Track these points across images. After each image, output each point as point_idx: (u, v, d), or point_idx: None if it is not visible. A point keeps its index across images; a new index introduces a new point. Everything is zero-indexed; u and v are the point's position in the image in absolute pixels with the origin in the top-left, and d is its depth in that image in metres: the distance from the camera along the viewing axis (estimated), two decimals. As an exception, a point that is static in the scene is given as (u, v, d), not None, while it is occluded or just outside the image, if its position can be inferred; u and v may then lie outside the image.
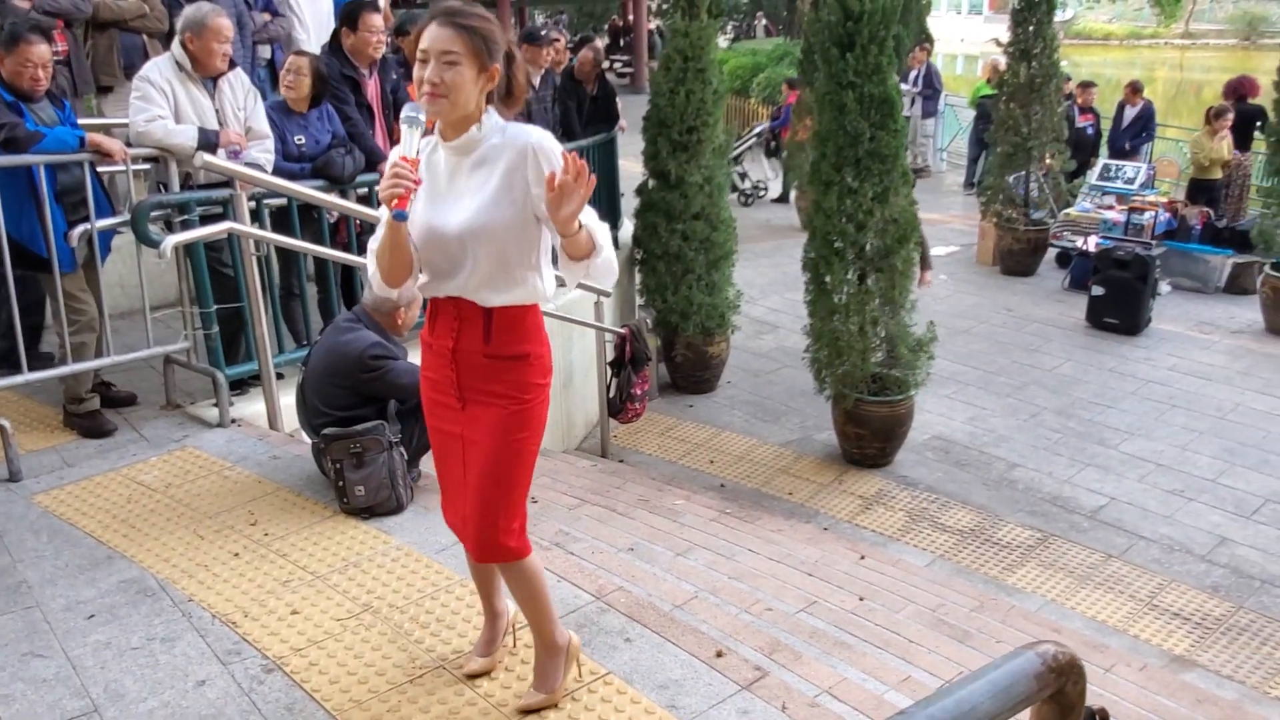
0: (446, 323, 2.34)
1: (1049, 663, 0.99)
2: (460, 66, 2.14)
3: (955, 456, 6.47)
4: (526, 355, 2.33)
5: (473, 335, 2.30)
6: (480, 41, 2.16)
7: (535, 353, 2.35)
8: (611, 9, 31.33)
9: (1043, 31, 9.54)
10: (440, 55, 2.13)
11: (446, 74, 2.13)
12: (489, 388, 2.33)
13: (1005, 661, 0.98)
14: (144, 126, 4.19)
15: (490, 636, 2.73)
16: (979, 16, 45.39)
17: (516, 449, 2.35)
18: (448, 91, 2.14)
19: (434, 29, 2.15)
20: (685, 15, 7.08)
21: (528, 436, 2.38)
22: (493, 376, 2.32)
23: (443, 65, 2.13)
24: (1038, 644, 1.03)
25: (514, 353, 2.31)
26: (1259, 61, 27.91)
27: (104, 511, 3.65)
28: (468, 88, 2.16)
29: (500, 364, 2.31)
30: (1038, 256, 10.10)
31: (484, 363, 2.32)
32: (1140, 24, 44.25)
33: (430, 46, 2.14)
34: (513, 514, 2.41)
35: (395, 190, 2.12)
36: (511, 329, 2.30)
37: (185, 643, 2.88)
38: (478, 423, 2.35)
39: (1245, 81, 10.32)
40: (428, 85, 2.14)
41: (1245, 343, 8.26)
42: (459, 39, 2.13)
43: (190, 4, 4.63)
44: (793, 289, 9.58)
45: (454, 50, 2.13)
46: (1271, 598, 4.94)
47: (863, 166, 5.81)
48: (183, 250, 4.22)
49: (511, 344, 2.31)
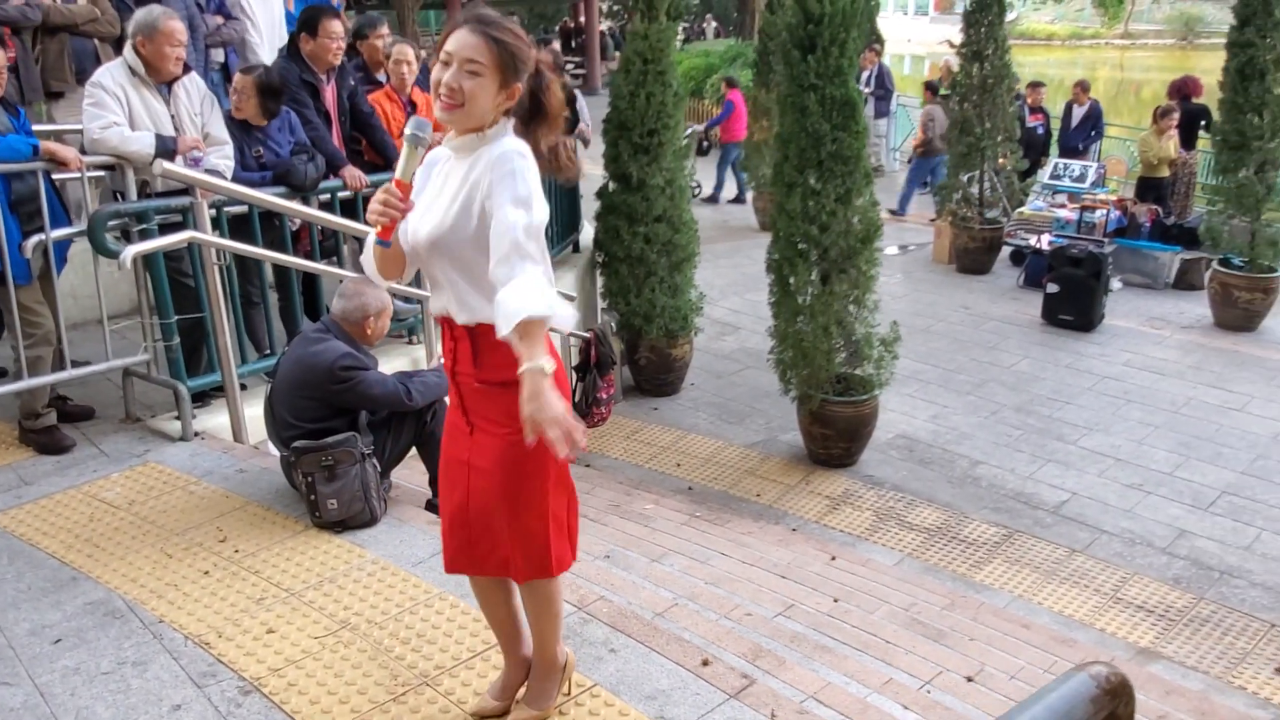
0: (446, 343, 2.27)
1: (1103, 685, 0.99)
2: (483, 78, 2.05)
3: (919, 455, 6.53)
4: (519, 382, 2.11)
5: (464, 358, 2.21)
6: (508, 57, 2.06)
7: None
8: (563, 10, 31.26)
9: (994, 33, 9.68)
10: (465, 62, 2.04)
11: (467, 82, 2.04)
12: (489, 415, 2.22)
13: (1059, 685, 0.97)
14: (99, 133, 4.08)
15: (508, 683, 2.59)
16: (925, 17, 46.06)
17: (525, 476, 2.24)
18: (464, 100, 2.04)
19: (463, 34, 2.05)
20: (644, 18, 7.06)
21: (538, 465, 2.23)
22: (490, 403, 2.21)
23: (464, 72, 2.04)
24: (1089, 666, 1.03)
25: (505, 379, 2.10)
26: (1196, 61, 28.64)
27: (66, 531, 3.54)
28: (485, 100, 2.07)
29: (494, 390, 2.19)
30: (993, 255, 10.24)
31: (479, 389, 2.22)
32: (1082, 24, 45.14)
33: (456, 50, 2.04)
34: (533, 539, 2.30)
35: (381, 219, 2.05)
36: (500, 352, 2.08)
37: (158, 665, 2.80)
38: (484, 450, 2.25)
39: (1189, 81, 10.55)
40: (445, 89, 2.04)
41: (1195, 337, 8.45)
42: (487, 49, 2.04)
43: (140, 8, 4.53)
44: (752, 290, 9.65)
45: (479, 60, 2.04)
46: (1230, 588, 5.04)
47: (825, 168, 5.84)
48: (141, 260, 4.12)
49: (501, 369, 2.11)
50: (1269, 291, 8.36)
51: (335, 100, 5.21)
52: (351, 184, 5.02)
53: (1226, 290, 8.45)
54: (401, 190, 2.08)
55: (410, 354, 5.28)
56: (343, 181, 5.01)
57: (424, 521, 3.61)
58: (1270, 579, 5.07)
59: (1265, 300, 8.38)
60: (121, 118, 4.16)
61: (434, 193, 2.19)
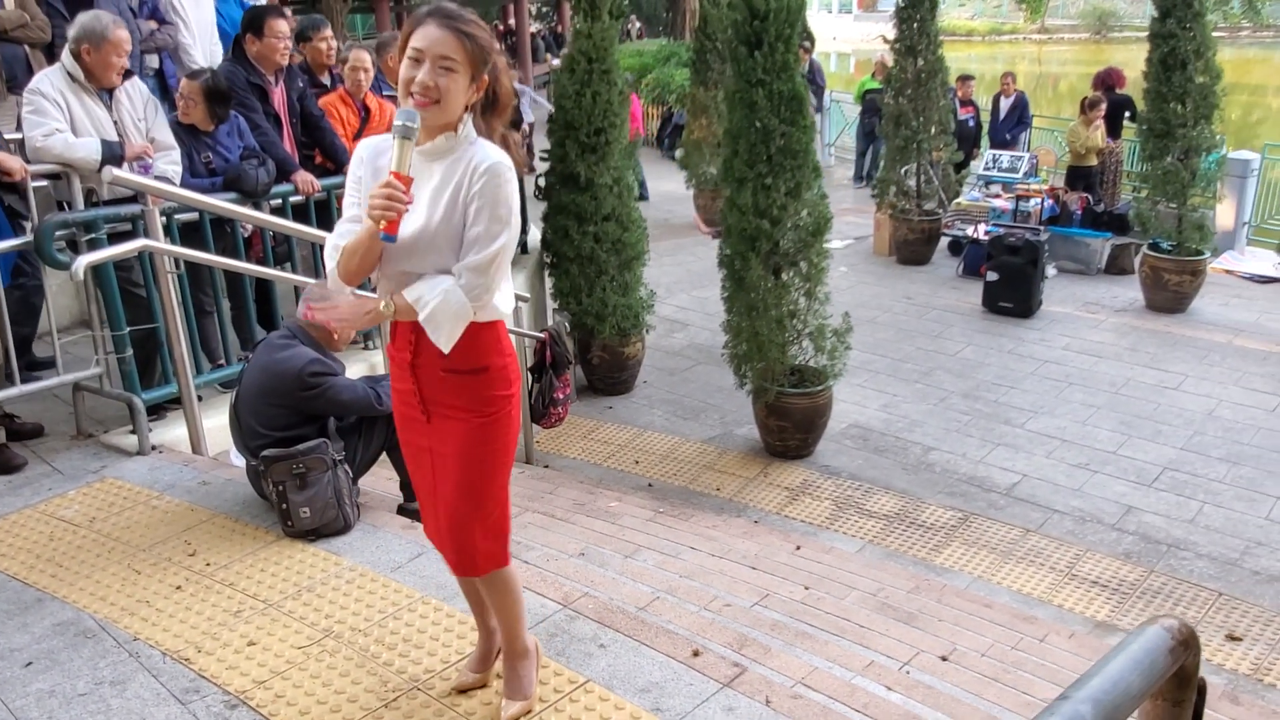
0: (405, 334, 2.28)
1: (1176, 636, 1.03)
2: (456, 74, 2.07)
3: (873, 443, 6.63)
4: (486, 368, 2.27)
5: (430, 348, 2.22)
6: (479, 50, 2.09)
7: (496, 364, 2.29)
8: (492, 13, 31.06)
9: (926, 28, 9.86)
10: (438, 59, 2.05)
11: (441, 79, 2.06)
12: (451, 401, 2.28)
13: (1136, 639, 1.01)
14: (43, 141, 3.96)
15: (484, 653, 2.67)
16: (849, 15, 46.72)
17: (485, 462, 2.31)
18: (440, 97, 2.06)
19: (432, 29, 2.05)
20: (587, 17, 7.06)
21: (497, 449, 2.33)
22: (454, 390, 2.27)
23: (438, 70, 2.05)
24: (1160, 619, 1.07)
25: (473, 366, 2.25)
26: (1110, 54, 29.50)
27: (25, 551, 3.43)
28: (459, 95, 2.09)
29: (460, 378, 2.25)
30: (932, 245, 10.44)
31: (443, 376, 2.26)
32: (1000, 20, 46.19)
33: (427, 48, 2.05)
34: (487, 527, 2.37)
35: (387, 213, 2.05)
36: (469, 342, 2.21)
37: (137, 684, 2.73)
38: (444, 436, 2.30)
39: (1113, 73, 10.87)
40: (419, 88, 2.05)
41: (1129, 320, 8.71)
42: (459, 46, 2.06)
43: (82, 13, 4.40)
44: (698, 286, 9.71)
45: (452, 56, 2.06)
46: (1179, 560, 5.22)
47: (775, 163, 5.90)
48: (90, 271, 4.00)
49: (470, 358, 2.23)
50: (1197, 274, 8.66)
51: (284, 102, 5.12)
52: (303, 189, 4.94)
53: (1157, 274, 8.73)
54: (403, 183, 2.07)
55: (368, 359, 5.21)
56: (294, 186, 4.92)
57: (398, 526, 3.57)
58: (1214, 550, 5.26)
59: (1193, 282, 8.68)
60: (64, 124, 4.04)
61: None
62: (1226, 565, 5.12)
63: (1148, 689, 0.95)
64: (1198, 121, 8.36)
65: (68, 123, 4.12)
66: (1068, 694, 0.95)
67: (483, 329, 2.26)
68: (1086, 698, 0.93)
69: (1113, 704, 0.93)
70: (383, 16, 19.86)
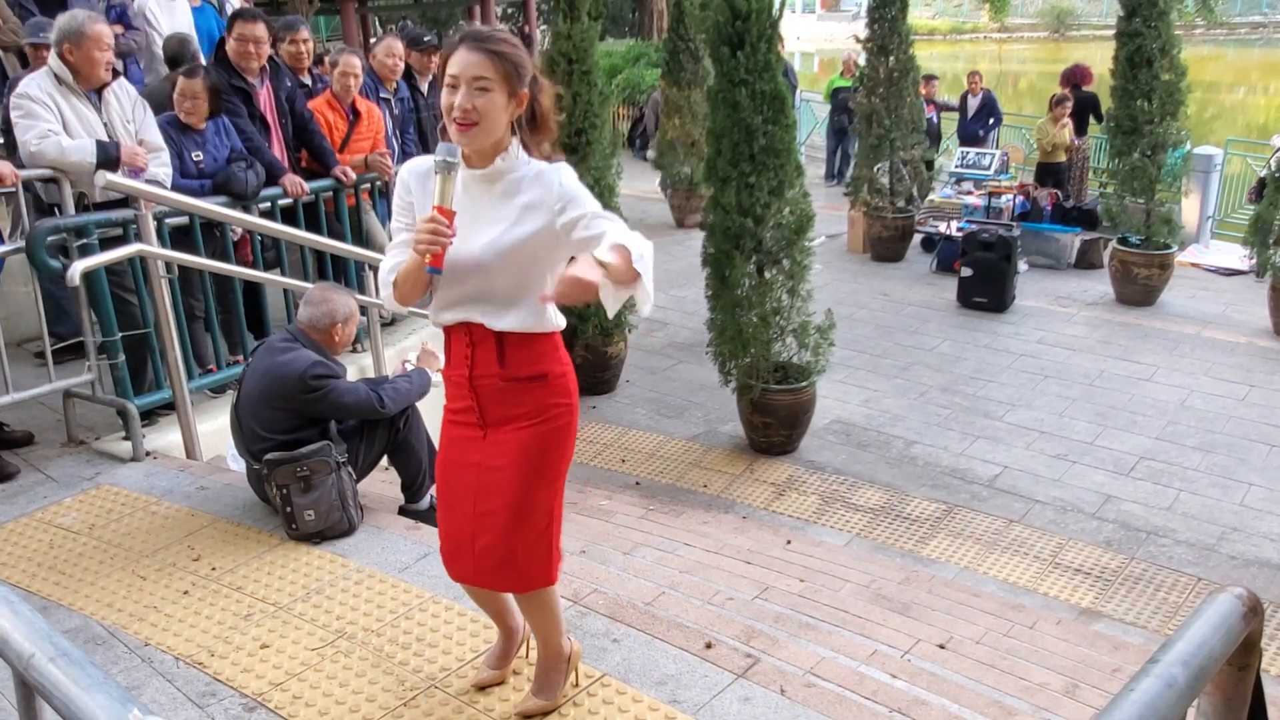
0: (460, 350, 2.29)
1: (1246, 604, 1.09)
2: (492, 93, 2.10)
3: (856, 438, 6.71)
4: (544, 375, 2.28)
5: (487, 359, 2.25)
6: (511, 67, 2.12)
7: (556, 372, 2.30)
8: (456, 15, 30.94)
9: (898, 27, 9.98)
10: (472, 81, 2.08)
11: (478, 100, 2.09)
12: (511, 412, 2.28)
13: (1210, 606, 1.07)
14: (36, 145, 3.92)
15: (503, 651, 2.70)
16: (812, 15, 47.05)
17: (541, 474, 2.29)
18: (480, 118, 2.10)
19: (464, 54, 2.10)
20: (566, 18, 7.09)
21: (555, 459, 2.32)
22: (514, 400, 2.27)
23: (474, 91, 2.09)
24: (1229, 588, 1.13)
25: (531, 374, 2.26)
26: (1069, 52, 29.95)
27: (27, 560, 3.41)
28: (498, 114, 2.12)
29: (519, 386, 2.26)
30: (905, 242, 10.56)
31: (502, 386, 2.27)
32: (961, 19, 46.71)
33: (461, 72, 2.09)
34: (537, 541, 2.34)
35: (432, 247, 2.09)
36: (526, 350, 2.25)
37: (152, 689, 2.73)
38: (499, 450, 2.28)
39: (1079, 71, 11.05)
40: (459, 112, 2.09)
41: (1100, 313, 8.88)
42: (490, 64, 2.09)
43: (60, 14, 4.36)
44: (676, 285, 9.75)
45: (485, 76, 2.09)
46: (1158, 547, 5.34)
47: (758, 161, 5.96)
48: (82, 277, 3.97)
49: (528, 365, 2.25)
50: (1165, 267, 8.84)
51: (272, 104, 5.10)
52: (292, 191, 4.92)
53: (1126, 267, 8.90)
54: (446, 217, 2.11)
55: (357, 361, 5.20)
56: (283, 189, 4.91)
57: (402, 527, 3.58)
58: (1192, 536, 5.39)
59: (1162, 275, 8.86)
60: (56, 126, 4.01)
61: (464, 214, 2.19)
62: (1204, 551, 5.25)
63: (1227, 652, 1.01)
64: (1164, 118, 8.53)
65: (59, 125, 4.09)
66: (1157, 657, 1.00)
67: (540, 338, 2.27)
68: (1176, 660, 0.98)
69: (1200, 666, 0.99)
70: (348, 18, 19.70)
